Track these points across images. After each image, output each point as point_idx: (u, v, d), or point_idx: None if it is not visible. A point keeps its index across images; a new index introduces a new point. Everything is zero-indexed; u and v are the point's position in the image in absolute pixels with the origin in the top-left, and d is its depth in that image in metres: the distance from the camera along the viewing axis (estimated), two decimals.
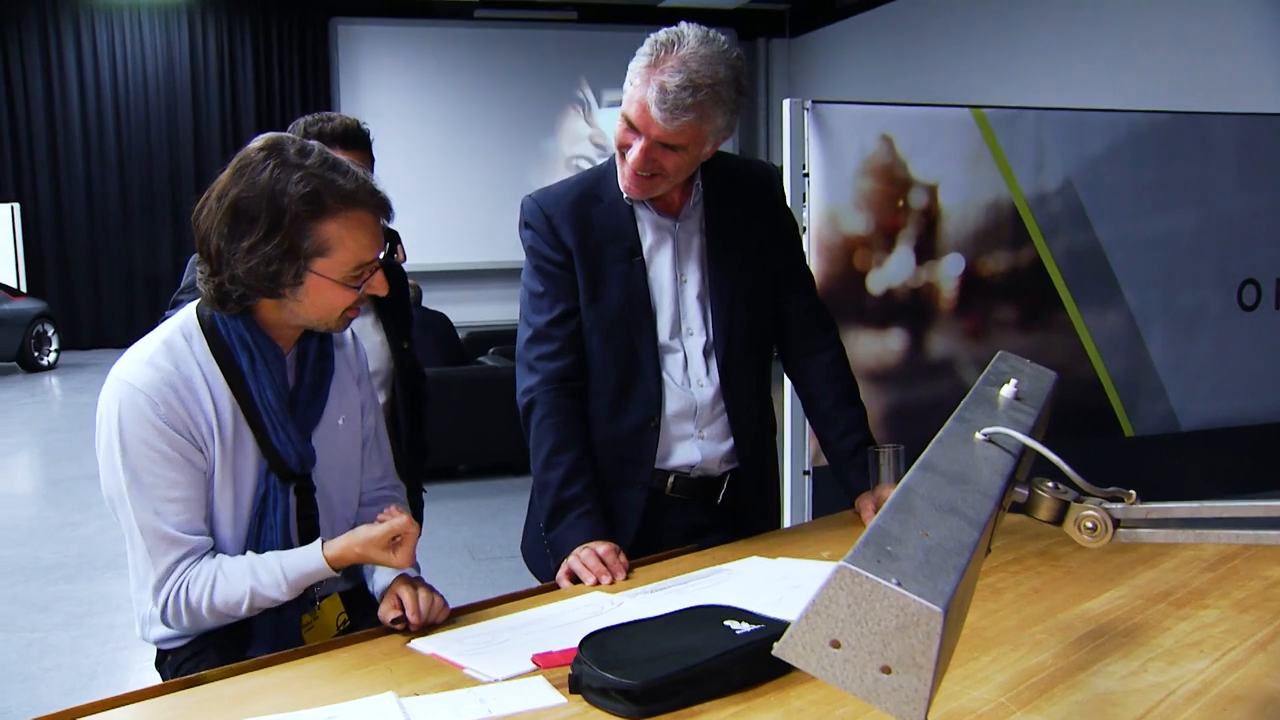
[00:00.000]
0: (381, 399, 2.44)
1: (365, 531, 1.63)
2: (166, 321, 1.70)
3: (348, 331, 1.84)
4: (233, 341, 1.65)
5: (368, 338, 2.44)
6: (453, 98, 13.47)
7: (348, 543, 1.63)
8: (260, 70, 13.47)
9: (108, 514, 1.67)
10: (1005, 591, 1.68)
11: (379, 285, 1.67)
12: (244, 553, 1.66)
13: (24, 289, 12.27)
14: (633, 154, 1.90)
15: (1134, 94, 7.04)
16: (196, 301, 1.70)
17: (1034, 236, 3.45)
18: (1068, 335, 3.52)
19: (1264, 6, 7.44)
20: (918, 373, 3.35)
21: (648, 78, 1.84)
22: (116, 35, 13.06)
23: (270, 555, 1.64)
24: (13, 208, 12.45)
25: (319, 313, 1.65)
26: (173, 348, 1.63)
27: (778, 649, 0.75)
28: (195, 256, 2.50)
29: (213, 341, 1.65)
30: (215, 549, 1.65)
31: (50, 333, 11.78)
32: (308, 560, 1.63)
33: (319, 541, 1.65)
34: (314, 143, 1.64)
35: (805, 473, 3.28)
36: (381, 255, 1.67)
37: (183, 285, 2.39)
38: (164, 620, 1.65)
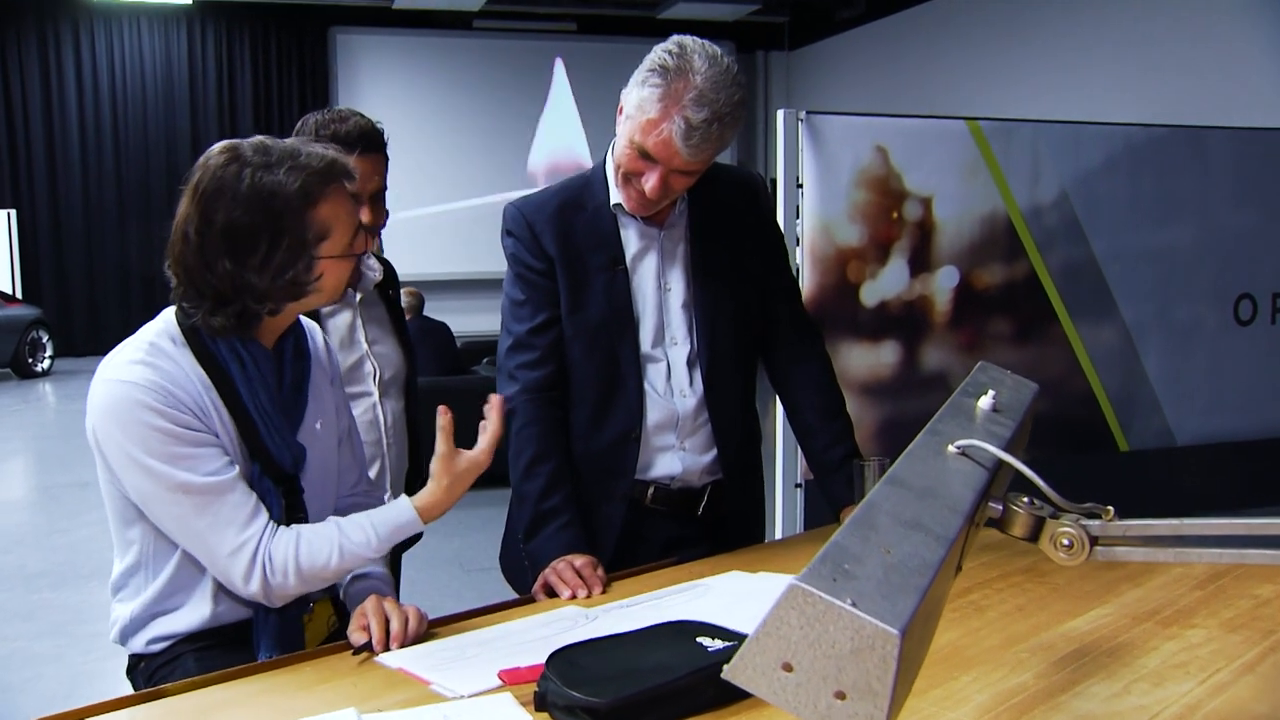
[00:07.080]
0: (399, 405, 2.42)
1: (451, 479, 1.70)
2: (144, 328, 1.64)
3: (319, 334, 1.82)
4: (219, 349, 1.61)
5: (385, 343, 2.41)
6: (451, 108, 13.46)
7: (436, 496, 1.68)
8: (259, 79, 13.47)
9: (96, 521, 1.63)
10: (989, 609, 1.63)
11: (369, 219, 1.77)
12: None
13: (19, 295, 12.26)
14: (650, 182, 1.86)
15: (1131, 108, 7.02)
16: (173, 309, 1.65)
17: (1029, 249, 3.42)
18: (1062, 349, 3.50)
19: (1262, 22, 7.43)
20: (911, 386, 3.32)
21: (667, 110, 1.78)
22: (115, 43, 13.07)
23: (357, 515, 1.65)
24: (9, 214, 12.47)
25: (333, 291, 1.66)
26: (159, 351, 1.58)
27: (727, 672, 0.71)
28: None
29: (197, 349, 1.60)
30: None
31: (45, 339, 11.76)
32: (399, 514, 1.66)
33: (403, 497, 1.68)
34: (262, 137, 1.62)
35: (797, 485, 3.25)
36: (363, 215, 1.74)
37: None
38: (251, 593, 1.57)
